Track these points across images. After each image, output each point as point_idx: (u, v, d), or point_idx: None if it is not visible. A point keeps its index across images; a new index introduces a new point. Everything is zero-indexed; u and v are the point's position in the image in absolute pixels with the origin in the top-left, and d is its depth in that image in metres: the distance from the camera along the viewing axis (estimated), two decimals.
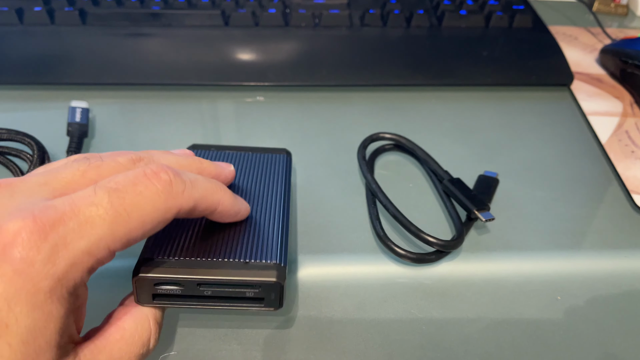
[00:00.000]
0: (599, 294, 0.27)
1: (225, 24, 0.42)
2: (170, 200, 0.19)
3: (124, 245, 0.18)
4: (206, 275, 0.21)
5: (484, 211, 0.29)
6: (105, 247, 0.17)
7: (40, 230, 0.16)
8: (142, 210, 0.18)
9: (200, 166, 0.23)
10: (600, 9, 0.52)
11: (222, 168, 0.25)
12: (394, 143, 0.34)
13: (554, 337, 0.25)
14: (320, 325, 0.25)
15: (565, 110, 0.39)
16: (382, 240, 0.28)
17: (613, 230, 0.30)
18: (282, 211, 0.26)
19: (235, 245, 0.23)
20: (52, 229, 0.16)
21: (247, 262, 0.22)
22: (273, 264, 0.22)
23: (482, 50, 0.42)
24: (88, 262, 0.17)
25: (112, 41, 0.41)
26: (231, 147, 0.30)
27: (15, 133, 0.31)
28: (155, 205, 0.18)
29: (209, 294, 0.22)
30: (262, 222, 0.25)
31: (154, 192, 0.18)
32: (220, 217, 0.23)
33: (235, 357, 0.24)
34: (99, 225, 0.17)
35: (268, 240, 0.23)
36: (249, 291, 0.22)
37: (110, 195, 0.17)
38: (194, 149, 0.30)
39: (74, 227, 0.16)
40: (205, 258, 0.22)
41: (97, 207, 0.17)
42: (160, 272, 0.21)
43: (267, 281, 0.22)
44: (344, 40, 0.42)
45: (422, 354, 0.24)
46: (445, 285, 0.27)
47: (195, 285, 0.22)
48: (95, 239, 0.17)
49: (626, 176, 0.33)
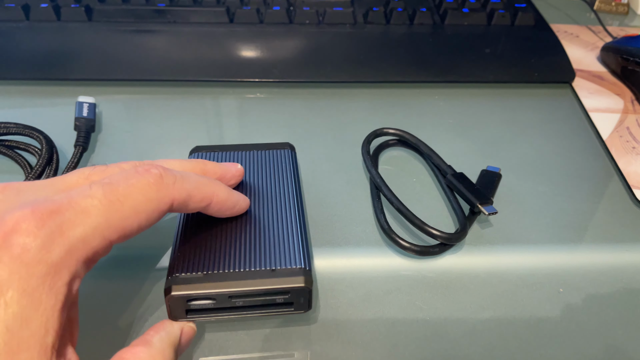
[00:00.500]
0: (601, 287, 0.27)
1: (230, 21, 0.43)
2: (162, 191, 0.19)
3: (119, 235, 0.18)
4: (237, 288, 0.22)
5: (487, 205, 0.29)
6: (100, 235, 0.18)
7: (38, 219, 0.16)
8: (135, 200, 0.19)
9: (204, 167, 0.24)
10: (602, 8, 0.52)
11: (227, 167, 0.26)
12: (398, 138, 0.35)
13: (556, 329, 0.25)
14: (325, 316, 0.25)
15: (567, 107, 0.40)
16: (386, 233, 0.28)
17: (614, 225, 0.30)
18: (297, 211, 0.26)
19: (260, 253, 0.23)
20: (50, 218, 0.16)
21: (274, 269, 0.23)
22: (299, 269, 0.23)
23: (484, 48, 0.42)
24: (84, 250, 0.17)
25: (118, 38, 0.41)
26: (233, 146, 0.31)
27: (23, 127, 0.31)
28: (147, 195, 0.19)
29: (241, 304, 0.23)
30: (281, 226, 0.25)
31: (145, 183, 0.19)
32: (218, 210, 0.23)
33: (242, 346, 0.24)
34: (94, 214, 0.17)
35: (290, 244, 0.24)
36: (278, 298, 0.23)
37: (104, 188, 0.18)
38: (196, 151, 0.30)
39: (70, 216, 0.17)
40: (233, 270, 0.22)
41: (92, 198, 0.18)
42: (192, 289, 0.22)
43: (296, 287, 0.22)
44: (348, 37, 0.42)
45: (426, 345, 0.24)
46: (448, 277, 0.27)
47: (227, 297, 0.22)
48: (90, 227, 0.17)
49: (627, 171, 0.33)
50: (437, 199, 0.32)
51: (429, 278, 0.27)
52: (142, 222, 0.19)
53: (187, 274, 0.22)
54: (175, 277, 0.22)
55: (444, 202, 0.31)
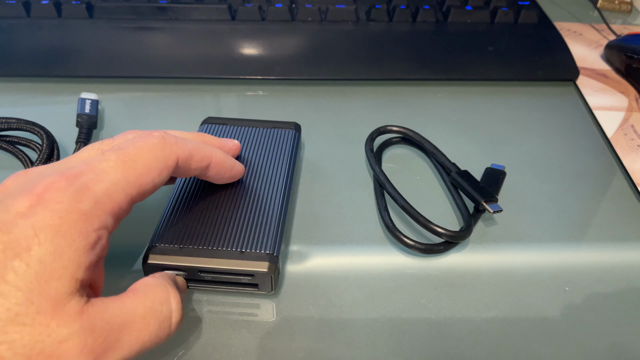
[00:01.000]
0: (606, 285, 0.27)
1: (232, 18, 0.42)
2: (167, 149, 0.22)
3: (138, 191, 0.21)
4: (206, 265, 0.24)
5: (492, 203, 0.29)
6: (122, 190, 0.20)
7: (66, 180, 0.19)
8: (145, 158, 0.21)
9: (203, 139, 0.26)
10: (605, 6, 0.52)
11: (225, 141, 0.28)
12: (402, 136, 0.34)
13: (562, 328, 0.25)
14: (329, 315, 0.25)
15: (571, 105, 0.39)
16: (390, 231, 0.28)
17: (620, 223, 0.30)
18: (282, 197, 0.27)
19: (234, 234, 0.25)
20: (76, 178, 0.19)
21: (243, 251, 0.24)
22: (266, 254, 0.24)
23: (487, 46, 0.42)
24: (110, 203, 0.19)
25: (119, 35, 0.41)
26: (243, 121, 0.32)
27: (24, 122, 0.31)
28: (155, 153, 0.21)
29: (210, 279, 0.25)
30: (261, 210, 0.26)
31: (152, 144, 0.22)
32: (217, 172, 0.25)
33: (246, 345, 0.24)
34: (112, 173, 0.20)
35: (264, 230, 0.25)
36: (244, 278, 0.24)
37: (116, 152, 0.21)
38: (208, 122, 0.32)
39: (93, 176, 0.19)
40: (206, 247, 0.24)
41: (108, 161, 0.20)
42: (166, 260, 0.24)
43: (260, 271, 0.24)
44: (350, 34, 0.42)
45: (431, 344, 0.24)
46: (453, 275, 0.27)
47: (197, 271, 0.24)
48: (111, 183, 0.20)
49: (632, 169, 0.33)
50: (442, 196, 0.31)
51: (434, 276, 0.27)
52: (156, 179, 0.21)
53: (165, 245, 0.24)
54: (154, 247, 0.24)
55: (448, 200, 0.31)
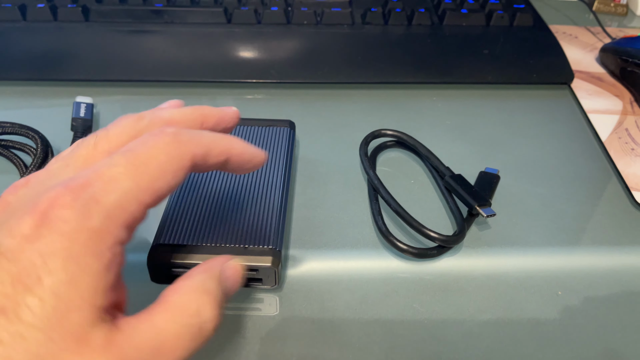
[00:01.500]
0: (600, 289, 0.27)
1: (227, 21, 0.43)
2: (181, 147, 0.19)
3: (152, 198, 0.19)
4: None
5: (486, 207, 0.29)
6: (134, 199, 0.18)
7: (72, 193, 0.17)
8: (158, 159, 0.19)
9: (203, 112, 0.24)
10: (600, 9, 0.52)
11: (225, 110, 0.25)
12: (396, 140, 0.34)
13: (555, 332, 0.25)
14: (322, 319, 0.25)
15: (566, 108, 0.39)
16: (384, 236, 0.28)
17: (613, 227, 0.30)
18: (281, 193, 0.28)
19: (237, 230, 0.26)
20: (82, 191, 0.17)
21: (247, 247, 0.25)
22: (269, 249, 0.25)
23: (483, 49, 0.42)
24: (122, 215, 0.18)
25: (115, 38, 0.41)
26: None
27: (19, 127, 0.31)
28: (169, 153, 0.19)
29: None
30: (262, 207, 0.27)
31: (164, 143, 0.19)
32: (238, 163, 0.22)
33: (238, 349, 0.24)
34: (123, 180, 0.18)
35: (266, 225, 0.26)
36: (248, 273, 0.25)
37: (125, 155, 0.18)
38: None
39: (101, 186, 0.17)
40: (210, 244, 0.25)
41: (117, 166, 0.18)
42: (170, 258, 0.24)
43: (264, 266, 0.24)
44: (346, 38, 0.42)
45: (424, 348, 0.24)
46: (446, 280, 0.27)
47: None
48: (122, 192, 0.18)
49: (626, 173, 0.33)
50: (435, 200, 0.32)
51: (427, 280, 0.27)
52: (171, 181, 0.19)
53: (169, 243, 0.25)
54: (158, 245, 0.25)
55: (442, 204, 0.31)
